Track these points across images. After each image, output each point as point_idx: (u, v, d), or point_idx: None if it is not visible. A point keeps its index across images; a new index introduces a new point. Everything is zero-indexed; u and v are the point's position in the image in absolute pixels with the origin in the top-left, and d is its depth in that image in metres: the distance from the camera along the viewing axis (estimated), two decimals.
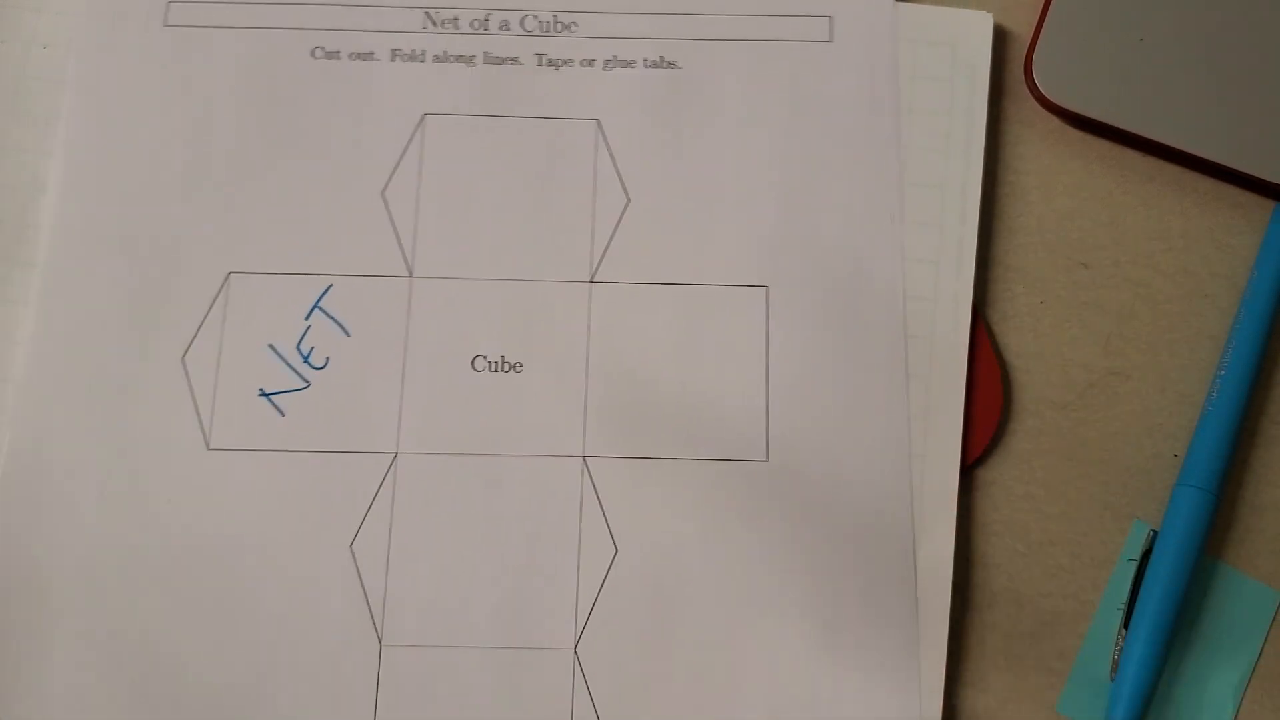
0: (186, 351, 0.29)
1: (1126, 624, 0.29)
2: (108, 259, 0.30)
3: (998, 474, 0.30)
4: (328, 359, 0.29)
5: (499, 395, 0.29)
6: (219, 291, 0.30)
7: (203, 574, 0.28)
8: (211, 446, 0.29)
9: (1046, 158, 0.32)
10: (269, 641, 0.28)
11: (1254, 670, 0.29)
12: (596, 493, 0.29)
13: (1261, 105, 0.31)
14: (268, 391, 0.29)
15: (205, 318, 0.29)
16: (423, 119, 0.31)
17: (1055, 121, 0.32)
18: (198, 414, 0.29)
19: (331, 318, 0.30)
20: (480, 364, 0.30)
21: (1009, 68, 0.33)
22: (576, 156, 0.31)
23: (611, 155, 0.31)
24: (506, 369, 0.30)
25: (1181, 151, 0.31)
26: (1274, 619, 0.29)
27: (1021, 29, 0.33)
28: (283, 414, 0.29)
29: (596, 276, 0.30)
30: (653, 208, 0.31)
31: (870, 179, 0.31)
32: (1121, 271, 0.31)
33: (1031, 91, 0.32)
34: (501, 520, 0.29)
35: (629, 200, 0.31)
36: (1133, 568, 0.29)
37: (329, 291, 0.30)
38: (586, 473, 0.29)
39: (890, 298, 0.30)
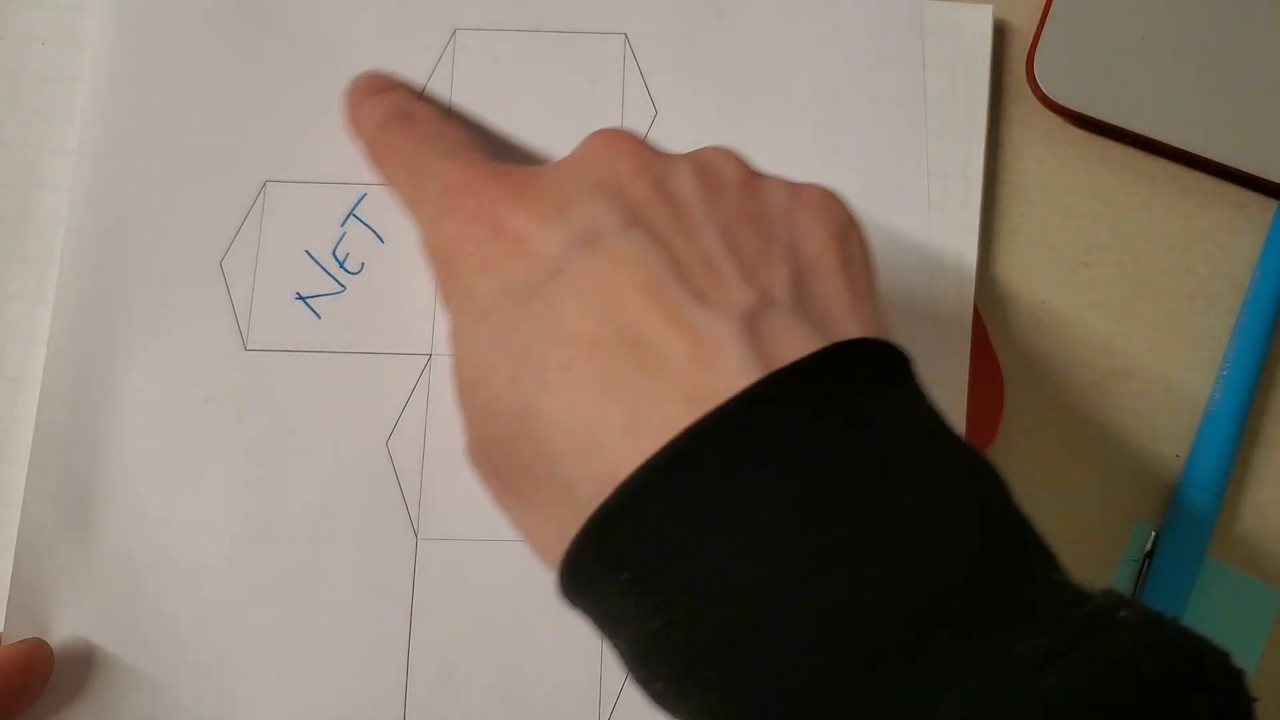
0: (224, 256, 0.30)
1: None
2: (145, 166, 0.30)
3: None
4: (363, 264, 0.30)
5: None
6: (255, 199, 0.30)
7: (239, 472, 0.28)
8: (249, 347, 0.29)
9: (1048, 157, 0.32)
10: (307, 536, 0.28)
11: (1257, 671, 0.29)
12: None
13: (1265, 105, 0.31)
14: (304, 295, 0.30)
15: (242, 224, 0.30)
16: (454, 34, 0.32)
17: (1057, 120, 0.32)
18: (235, 316, 0.30)
19: (366, 225, 0.30)
20: None
21: (1010, 67, 0.33)
22: (605, 70, 0.32)
23: (639, 68, 0.32)
24: None
25: (1184, 151, 0.31)
26: (1276, 620, 0.29)
27: (1023, 27, 0.33)
28: (319, 316, 0.30)
29: None
30: (679, 119, 0.31)
31: (896, 95, 0.31)
32: (1123, 271, 0.31)
33: (1033, 90, 0.32)
34: None
35: (656, 112, 0.31)
36: (1135, 569, 0.29)
37: (363, 200, 0.30)
38: None
39: (916, 212, 0.30)
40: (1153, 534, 0.29)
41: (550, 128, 0.31)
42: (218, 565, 0.28)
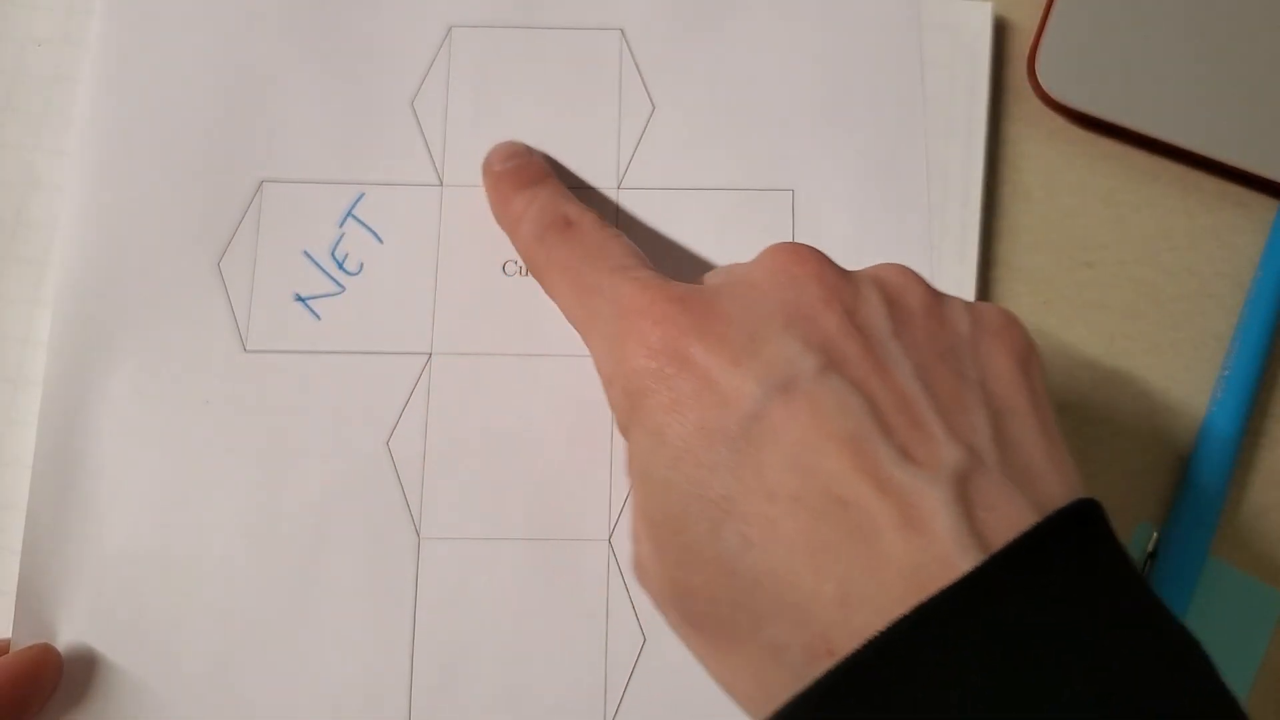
0: (222, 257, 0.30)
1: None
2: (142, 167, 0.30)
3: None
4: (362, 265, 0.30)
5: (530, 299, 0.30)
6: (252, 199, 0.30)
7: (240, 473, 0.28)
8: (249, 349, 0.29)
9: (1050, 156, 0.32)
10: (309, 537, 0.28)
11: (1259, 672, 0.29)
12: None
13: (1267, 104, 0.31)
14: (303, 296, 0.30)
15: (240, 225, 0.30)
16: (449, 31, 0.32)
17: (1059, 120, 0.32)
18: (234, 318, 0.30)
19: (364, 225, 0.30)
20: (511, 269, 0.30)
21: (1012, 65, 0.33)
22: (601, 66, 0.32)
23: (636, 64, 0.32)
24: None
25: (1186, 150, 0.31)
26: (1279, 620, 0.29)
27: (1024, 25, 0.33)
28: (318, 317, 0.30)
29: (624, 183, 0.31)
30: (677, 115, 0.31)
31: (893, 93, 0.31)
32: (1126, 271, 0.31)
33: (1035, 89, 0.32)
34: (534, 417, 0.29)
35: (654, 108, 0.31)
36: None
37: (361, 200, 0.31)
38: None
39: (916, 211, 0.30)
40: (1155, 534, 0.29)
41: (547, 123, 0.31)
42: (220, 567, 0.28)
